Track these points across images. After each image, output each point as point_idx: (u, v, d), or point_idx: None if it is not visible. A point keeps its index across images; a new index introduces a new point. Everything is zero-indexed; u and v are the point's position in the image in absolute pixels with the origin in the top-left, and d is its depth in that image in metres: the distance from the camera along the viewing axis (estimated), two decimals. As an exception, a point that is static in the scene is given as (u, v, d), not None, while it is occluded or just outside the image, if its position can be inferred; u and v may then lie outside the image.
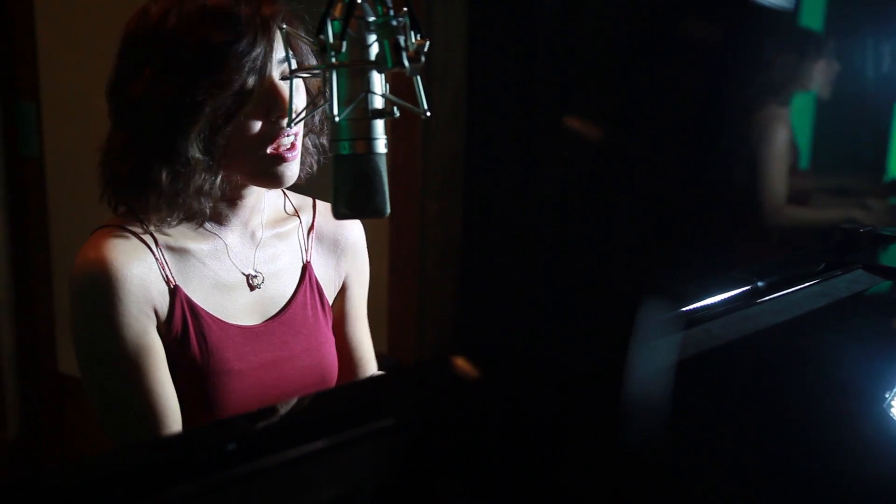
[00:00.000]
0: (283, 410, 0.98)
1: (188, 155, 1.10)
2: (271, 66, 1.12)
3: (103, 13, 2.37)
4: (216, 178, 1.14)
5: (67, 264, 2.60)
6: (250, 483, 0.72)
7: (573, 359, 0.91)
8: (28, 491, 0.73)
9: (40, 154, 2.61)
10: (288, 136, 1.13)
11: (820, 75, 2.23)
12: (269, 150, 1.13)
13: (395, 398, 0.86)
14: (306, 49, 1.18)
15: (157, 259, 1.15)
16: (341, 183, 0.92)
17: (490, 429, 0.84)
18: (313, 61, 1.18)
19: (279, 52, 1.13)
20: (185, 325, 1.16)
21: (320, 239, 1.33)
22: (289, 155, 1.14)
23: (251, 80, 1.10)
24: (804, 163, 2.31)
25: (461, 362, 0.84)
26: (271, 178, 1.15)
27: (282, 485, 0.74)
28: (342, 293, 1.36)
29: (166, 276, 1.16)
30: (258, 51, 1.09)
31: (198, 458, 0.77)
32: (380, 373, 1.42)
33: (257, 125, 1.12)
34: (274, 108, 1.12)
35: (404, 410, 0.83)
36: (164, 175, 1.11)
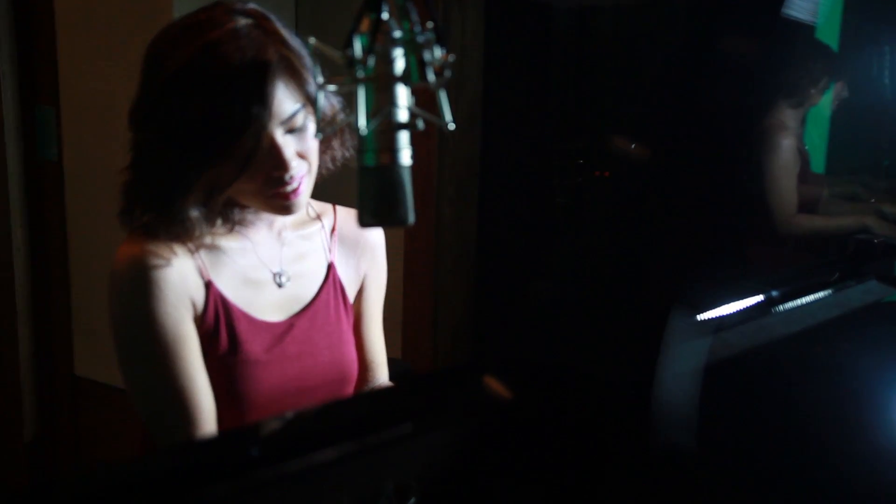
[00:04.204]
0: (302, 416, 1.00)
1: (184, 215, 1.14)
2: (271, 125, 1.12)
3: (122, 20, 2.39)
4: (212, 226, 1.19)
5: (84, 268, 2.63)
6: (271, 489, 0.73)
7: (588, 364, 0.92)
8: (51, 496, 0.74)
9: (59, 158, 2.63)
10: (290, 185, 1.15)
11: (828, 86, 2.25)
12: (271, 192, 1.16)
13: (418, 405, 0.88)
14: (310, 80, 1.18)
15: (192, 255, 1.19)
16: (367, 193, 0.93)
17: (515, 436, 0.86)
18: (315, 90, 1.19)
19: (282, 113, 1.12)
20: (216, 317, 1.20)
21: (342, 240, 1.36)
22: (292, 196, 1.17)
23: (249, 144, 1.11)
24: (820, 167, 2.32)
25: (492, 381, 0.86)
26: (278, 211, 1.19)
27: (301, 491, 0.75)
28: (359, 294, 1.39)
29: (201, 270, 1.20)
30: (254, 115, 1.10)
31: (220, 463, 0.78)
32: (388, 384, 1.44)
33: (258, 181, 1.15)
34: (276, 165, 1.13)
35: (425, 418, 0.85)
36: (161, 227, 1.16)
